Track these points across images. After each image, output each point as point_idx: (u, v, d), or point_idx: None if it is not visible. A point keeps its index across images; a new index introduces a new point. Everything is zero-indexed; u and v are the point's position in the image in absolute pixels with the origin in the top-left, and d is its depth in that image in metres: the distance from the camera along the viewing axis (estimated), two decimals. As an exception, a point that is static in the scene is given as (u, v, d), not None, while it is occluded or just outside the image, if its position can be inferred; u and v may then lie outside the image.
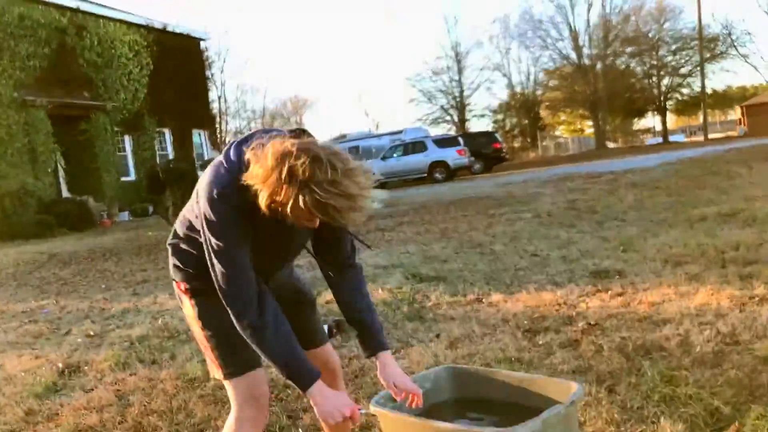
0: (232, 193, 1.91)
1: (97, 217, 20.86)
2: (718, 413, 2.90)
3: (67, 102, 22.41)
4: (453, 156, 25.91)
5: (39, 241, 16.35)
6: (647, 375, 3.34)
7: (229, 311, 2.02)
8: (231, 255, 1.98)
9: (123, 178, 24.95)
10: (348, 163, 1.83)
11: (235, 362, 2.19)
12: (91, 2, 24.37)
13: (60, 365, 4.85)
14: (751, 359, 3.44)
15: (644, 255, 6.31)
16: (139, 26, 26.34)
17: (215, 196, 1.93)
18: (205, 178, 2.02)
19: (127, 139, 25.66)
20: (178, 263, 2.23)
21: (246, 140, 1.98)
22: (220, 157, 2.01)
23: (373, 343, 2.30)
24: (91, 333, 5.85)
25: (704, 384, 3.18)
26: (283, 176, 1.76)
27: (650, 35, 48.07)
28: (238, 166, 1.91)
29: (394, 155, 26.82)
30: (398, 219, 12.45)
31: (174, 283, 2.29)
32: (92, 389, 4.26)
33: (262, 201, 1.82)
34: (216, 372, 2.24)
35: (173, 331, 5.52)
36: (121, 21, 25.45)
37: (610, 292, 5.14)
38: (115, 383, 4.31)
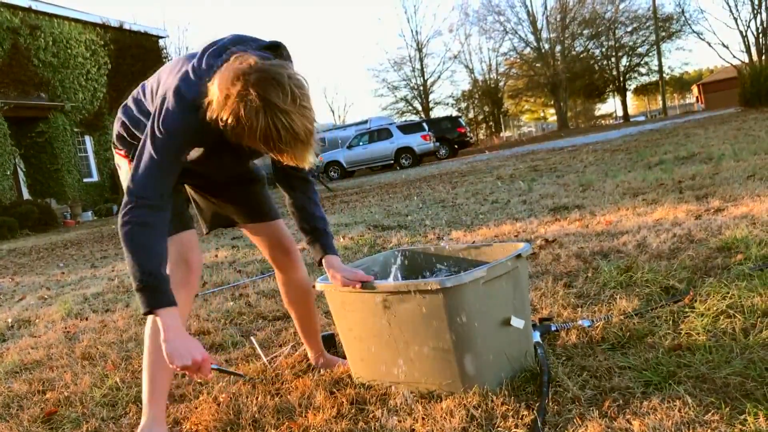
0: (192, 106, 1.81)
1: (60, 218, 20.46)
2: (673, 290, 2.88)
3: (24, 103, 21.94)
4: (418, 142, 25.85)
5: (-1, 243, 15.97)
6: (604, 270, 3.31)
7: (124, 200, 1.89)
8: (155, 169, 1.88)
9: (86, 179, 24.50)
10: (305, 96, 1.75)
11: (172, 224, 2.10)
12: (44, 2, 23.85)
13: (9, 321, 4.68)
14: (706, 250, 3.43)
15: (603, 192, 6.31)
16: (95, 25, 25.87)
17: (176, 106, 1.84)
18: (170, 79, 1.93)
19: (88, 139, 25.20)
20: (125, 135, 2.15)
21: (219, 53, 1.89)
22: (191, 63, 1.90)
23: (323, 248, 2.27)
24: (45, 297, 5.68)
25: (660, 270, 3.15)
26: (234, 98, 1.69)
27: (606, 16, 48.61)
28: (208, 77, 1.81)
29: (360, 143, 26.71)
30: (363, 195, 12.37)
31: (114, 148, 2.22)
32: (41, 336, 4.11)
33: (213, 118, 1.75)
34: None
35: (129, 287, 5.37)
36: (76, 20, 24.96)
37: (568, 219, 5.12)
38: (66, 328, 4.17)
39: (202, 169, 2.19)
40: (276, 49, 1.97)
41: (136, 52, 27.58)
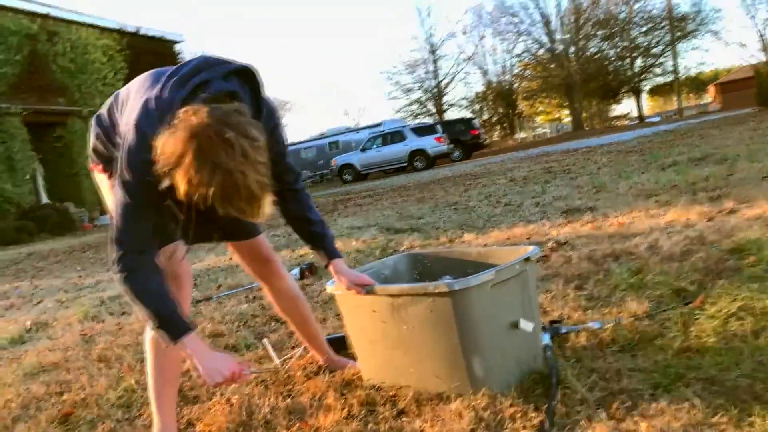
0: (151, 130, 1.75)
1: (77, 221, 20.67)
2: (684, 291, 2.87)
3: (43, 108, 22.21)
4: (432, 144, 25.84)
5: (19, 246, 16.14)
6: (615, 273, 3.31)
7: (109, 251, 1.93)
8: (133, 214, 1.87)
9: (103, 183, 24.72)
10: (257, 148, 1.69)
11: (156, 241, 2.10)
12: (61, 8, 24.12)
13: (28, 323, 4.76)
14: (717, 252, 3.41)
15: (616, 193, 6.30)
16: (111, 30, 26.11)
17: (138, 145, 1.79)
18: (136, 101, 1.89)
19: (105, 144, 25.40)
20: (101, 147, 2.13)
21: (182, 83, 1.83)
22: (154, 91, 1.85)
23: (328, 253, 2.29)
24: (63, 300, 5.75)
25: (671, 273, 3.15)
26: (185, 162, 1.64)
27: (621, 17, 48.34)
28: (168, 112, 1.76)
29: (374, 146, 26.73)
30: (376, 197, 12.40)
31: (91, 162, 2.20)
32: (59, 338, 4.17)
33: (162, 175, 1.69)
34: None
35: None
36: (92, 26, 25.21)
37: (580, 221, 5.12)
38: (83, 331, 4.23)
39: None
40: (244, 74, 1.92)
41: (152, 57, 27.76)
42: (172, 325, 1.90)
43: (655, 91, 58.71)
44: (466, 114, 52.26)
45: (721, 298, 2.60)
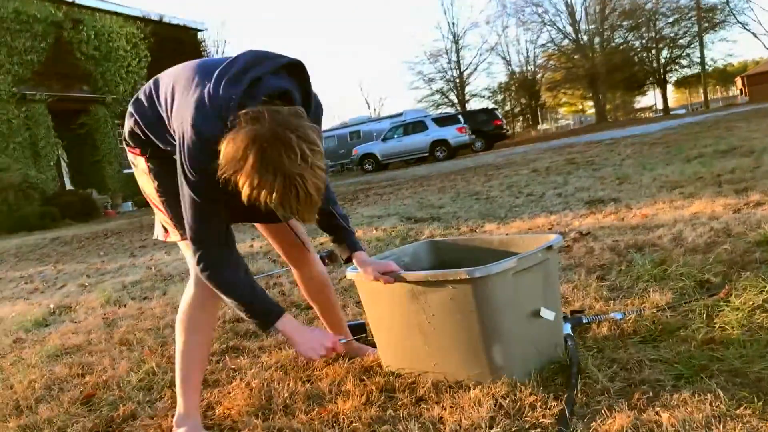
0: (214, 144, 1.76)
1: (101, 208, 20.91)
2: (708, 284, 2.84)
3: (67, 96, 22.46)
4: (453, 134, 25.71)
5: (43, 232, 16.35)
6: (638, 264, 3.27)
7: (191, 251, 1.97)
8: (203, 211, 1.91)
9: (126, 170, 24.94)
10: (316, 152, 1.72)
11: None
12: (86, -4, 24.33)
13: (52, 307, 4.82)
14: (743, 244, 3.37)
15: (640, 185, 6.23)
16: (135, 18, 26.29)
17: (199, 144, 1.81)
18: (184, 99, 1.89)
19: (128, 131, 25.62)
20: (139, 133, 2.12)
21: (236, 80, 1.83)
22: (206, 89, 1.85)
23: (350, 246, 2.29)
24: (86, 284, 5.82)
25: (695, 264, 3.11)
26: (247, 166, 1.67)
27: (647, 7, 47.66)
28: (225, 111, 1.78)
29: (395, 136, 26.64)
30: (397, 187, 12.38)
31: (126, 146, 2.21)
32: (81, 321, 4.22)
33: (225, 178, 1.73)
34: (174, 234, 2.19)
35: (166, 275, 5.48)
36: (117, 14, 25.40)
37: (603, 212, 5.07)
38: (105, 314, 4.27)
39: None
40: (293, 69, 1.93)
41: (175, 45, 27.94)
42: (266, 312, 2.00)
43: (680, 83, 57.89)
44: (489, 104, 52.00)
45: (747, 290, 2.56)
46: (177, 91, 1.96)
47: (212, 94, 1.83)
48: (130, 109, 2.13)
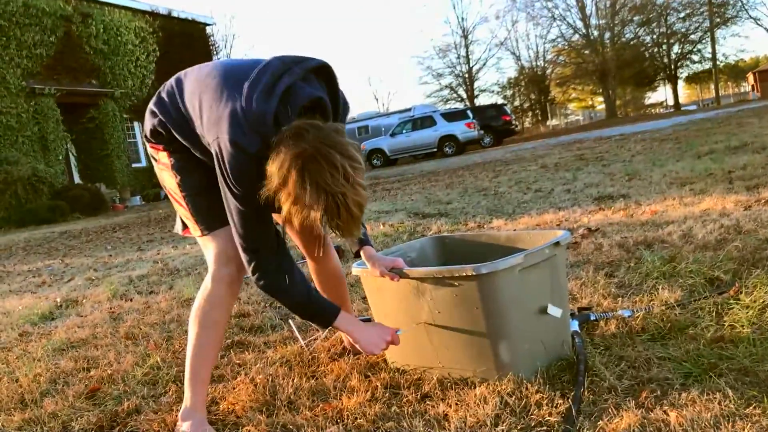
0: (256, 157, 1.80)
1: (109, 202, 20.98)
2: (718, 281, 2.80)
3: (76, 90, 22.52)
4: (462, 129, 25.63)
5: (51, 226, 16.41)
6: (647, 261, 3.24)
7: (244, 259, 1.98)
8: (252, 219, 1.92)
9: (134, 165, 25.05)
10: (358, 170, 1.75)
11: (212, 216, 2.11)
12: (95, -10, 24.36)
13: (58, 300, 4.82)
14: (754, 241, 3.33)
15: (650, 181, 6.19)
16: (144, 12, 26.31)
17: (240, 159, 1.82)
18: (214, 112, 1.89)
19: (136, 125, 25.70)
20: (162, 132, 2.09)
21: (268, 92, 1.83)
22: (239, 104, 1.84)
23: (360, 240, 2.28)
24: (93, 278, 5.83)
25: (705, 261, 3.08)
26: (291, 183, 1.71)
27: (658, 2, 47.35)
28: (264, 128, 1.81)
29: (403, 131, 26.60)
30: (405, 182, 12.36)
31: (148, 142, 2.18)
32: (87, 315, 4.22)
33: (271, 195, 1.76)
34: (194, 230, 2.18)
35: (173, 269, 5.48)
36: (125, 8, 25.42)
37: (612, 208, 5.03)
38: (112, 308, 4.27)
39: None
40: (321, 71, 1.96)
41: (184, 39, 27.98)
42: (324, 311, 2.06)
43: (691, 79, 57.54)
44: (498, 100, 51.88)
45: (757, 288, 2.53)
46: (205, 101, 1.95)
47: (246, 108, 1.83)
48: (153, 108, 2.11)
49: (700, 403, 1.72)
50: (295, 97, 1.85)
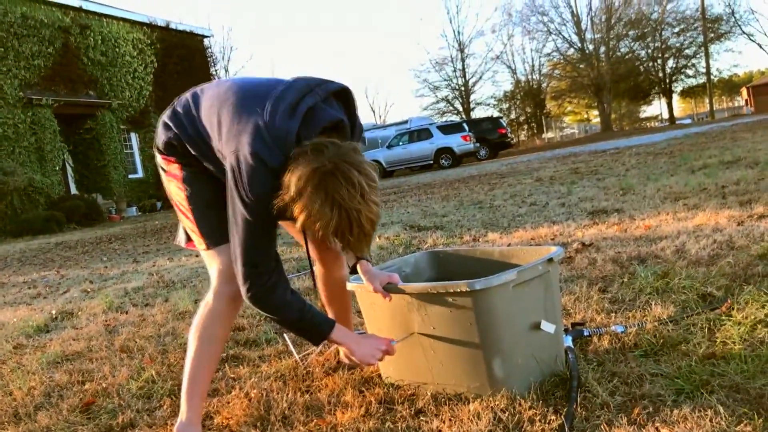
0: (276, 172, 1.84)
1: (105, 213, 20.97)
2: (710, 297, 2.82)
3: (73, 101, 22.55)
4: (458, 142, 25.74)
5: (47, 236, 16.39)
6: (640, 276, 3.26)
7: (237, 272, 1.97)
8: (257, 233, 1.93)
9: (131, 176, 25.05)
10: (374, 189, 1.81)
11: (219, 231, 2.11)
12: (93, 1, 24.42)
13: (53, 312, 4.82)
14: (746, 257, 3.35)
15: (643, 196, 6.22)
16: (142, 24, 26.42)
17: (260, 172, 1.85)
18: (234, 127, 1.92)
19: (133, 136, 25.73)
20: (176, 146, 2.11)
21: (291, 111, 1.88)
22: (262, 120, 1.88)
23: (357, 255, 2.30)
24: (88, 290, 5.82)
25: (698, 277, 3.10)
26: (306, 195, 1.76)
27: (653, 17, 47.65)
28: (285, 144, 1.85)
29: (400, 143, 26.70)
30: (401, 195, 12.39)
31: (159, 153, 2.19)
32: (83, 328, 4.22)
33: (284, 206, 1.81)
34: (199, 243, 2.19)
35: (168, 282, 5.48)
36: (124, 19, 25.53)
37: (606, 223, 5.06)
38: (107, 321, 4.27)
39: None
40: (341, 95, 2.02)
41: (181, 51, 28.07)
42: (318, 325, 2.06)
43: (686, 93, 57.83)
44: (494, 113, 52.02)
45: (749, 305, 2.55)
46: (224, 116, 1.97)
47: (269, 124, 1.87)
48: (168, 121, 2.13)
49: (691, 420, 1.74)
50: (317, 118, 1.91)
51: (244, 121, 1.91)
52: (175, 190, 2.18)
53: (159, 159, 2.21)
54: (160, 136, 2.15)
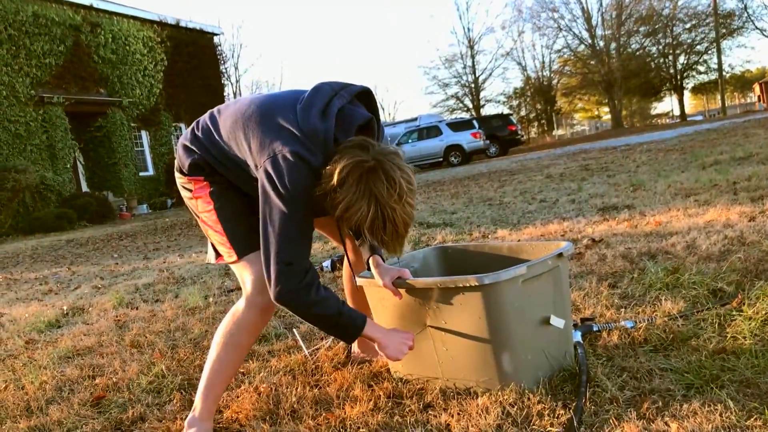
0: (316, 171, 1.88)
1: (116, 210, 21.07)
2: (720, 292, 2.81)
3: (84, 99, 22.63)
4: (468, 139, 25.67)
5: (59, 234, 16.49)
6: (650, 272, 3.25)
7: (269, 274, 1.94)
8: (293, 228, 1.92)
9: (141, 173, 25.14)
10: (411, 191, 1.86)
11: (250, 242, 2.11)
12: (104, 0, 24.52)
13: (65, 308, 4.85)
14: (758, 252, 3.33)
15: (654, 192, 6.19)
16: (152, 22, 26.48)
17: (299, 166, 1.87)
18: (268, 136, 1.94)
19: (144, 134, 25.82)
20: (203, 166, 2.12)
21: (323, 114, 1.92)
22: (296, 125, 1.91)
23: (372, 248, 2.30)
24: (99, 286, 5.86)
25: (708, 273, 3.08)
26: (349, 186, 1.81)
27: (664, 13, 47.38)
28: (324, 145, 1.89)
29: (409, 141, 26.64)
30: (411, 191, 12.37)
31: (184, 176, 2.17)
32: (93, 323, 4.24)
33: (324, 194, 1.86)
34: (229, 256, 2.17)
35: (179, 278, 5.50)
36: (134, 17, 25.59)
37: (617, 219, 5.04)
38: (117, 317, 4.30)
39: None
40: (364, 96, 2.07)
41: (191, 49, 28.16)
42: (353, 321, 2.05)
43: (697, 90, 57.49)
44: (504, 110, 51.94)
45: (759, 300, 2.53)
46: (251, 129, 1.99)
47: (304, 129, 1.91)
48: (189, 145, 2.14)
49: (701, 414, 1.73)
50: (350, 118, 1.96)
51: (275, 130, 1.93)
52: (202, 206, 2.17)
53: (182, 181, 2.20)
54: (184, 160, 2.15)
